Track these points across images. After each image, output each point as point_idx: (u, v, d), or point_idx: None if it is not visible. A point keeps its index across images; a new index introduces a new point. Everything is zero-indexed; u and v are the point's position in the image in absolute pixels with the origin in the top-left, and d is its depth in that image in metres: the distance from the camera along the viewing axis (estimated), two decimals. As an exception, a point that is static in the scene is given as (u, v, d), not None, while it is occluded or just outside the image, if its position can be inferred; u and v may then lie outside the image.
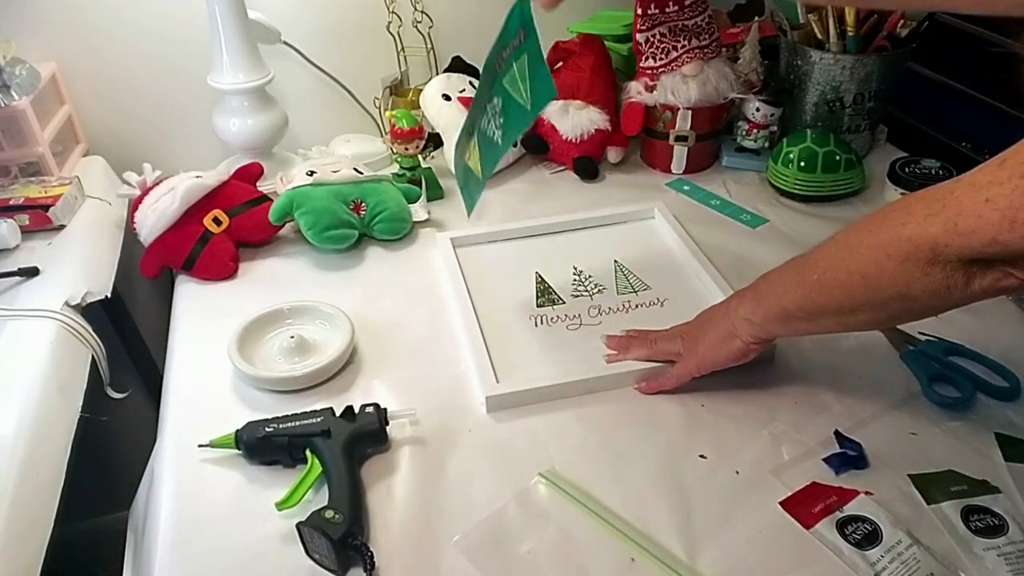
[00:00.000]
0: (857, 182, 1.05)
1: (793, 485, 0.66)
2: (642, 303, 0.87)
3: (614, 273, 0.92)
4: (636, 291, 0.89)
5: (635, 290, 0.89)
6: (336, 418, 0.69)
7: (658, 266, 0.93)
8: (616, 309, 0.86)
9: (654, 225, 1.01)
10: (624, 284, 0.90)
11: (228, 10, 0.98)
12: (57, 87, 1.07)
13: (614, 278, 0.91)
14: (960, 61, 1.12)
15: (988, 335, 0.80)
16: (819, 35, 1.07)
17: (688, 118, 1.07)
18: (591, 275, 0.92)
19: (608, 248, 0.96)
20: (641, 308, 0.87)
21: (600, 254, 0.95)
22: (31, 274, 0.86)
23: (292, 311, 0.84)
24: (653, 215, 1.02)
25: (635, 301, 0.87)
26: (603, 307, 0.87)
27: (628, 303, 0.87)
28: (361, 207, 0.96)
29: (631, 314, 0.86)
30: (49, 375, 0.74)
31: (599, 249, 0.96)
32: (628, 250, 0.96)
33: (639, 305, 0.87)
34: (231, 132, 1.05)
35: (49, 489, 0.68)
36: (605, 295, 0.89)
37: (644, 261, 0.94)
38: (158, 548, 0.63)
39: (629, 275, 0.91)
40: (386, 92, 1.18)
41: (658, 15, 1.04)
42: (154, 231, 0.91)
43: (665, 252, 0.96)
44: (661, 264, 0.93)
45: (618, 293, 0.89)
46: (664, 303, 0.87)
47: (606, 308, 0.86)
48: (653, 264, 0.93)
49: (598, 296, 0.88)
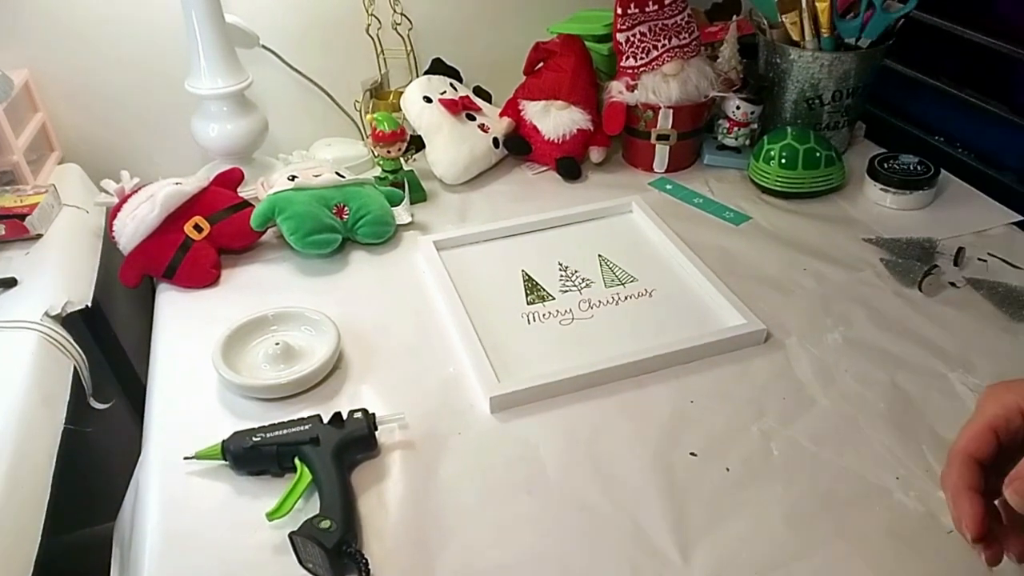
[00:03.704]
0: (837, 178, 1.06)
1: (784, 481, 0.66)
2: (631, 294, 0.88)
3: (599, 267, 0.92)
4: (624, 283, 0.90)
5: (622, 282, 0.90)
6: (324, 425, 0.68)
7: (642, 258, 0.94)
8: (606, 302, 0.87)
9: (633, 219, 1.02)
10: (611, 277, 0.91)
11: (205, 14, 0.97)
12: (30, 94, 1.05)
13: (600, 272, 0.92)
14: (934, 57, 1.14)
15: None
16: (794, 36, 1.08)
17: (669, 117, 1.08)
18: (577, 270, 0.92)
19: (591, 243, 0.97)
20: (631, 300, 0.87)
21: (583, 249, 0.96)
22: (9, 285, 0.85)
23: (277, 317, 0.83)
24: (631, 209, 1.03)
25: (624, 293, 0.88)
26: (593, 300, 0.87)
27: (617, 295, 0.88)
28: (344, 211, 0.96)
29: (621, 306, 0.86)
30: (31, 387, 0.73)
31: (582, 244, 0.97)
32: (610, 244, 0.97)
33: (628, 297, 0.87)
34: (210, 137, 1.04)
35: (35, 502, 0.67)
36: (594, 288, 0.89)
37: (627, 254, 0.95)
38: (145, 561, 0.62)
39: (615, 268, 0.92)
40: (366, 95, 1.18)
41: (638, 14, 1.04)
42: (134, 239, 0.90)
43: (647, 244, 0.97)
44: (644, 256, 0.94)
45: (606, 286, 0.89)
46: (652, 293, 0.88)
47: (596, 301, 0.87)
48: (637, 256, 0.94)
49: (587, 290, 0.89)
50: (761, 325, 0.80)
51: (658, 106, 1.07)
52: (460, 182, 1.11)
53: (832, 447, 0.69)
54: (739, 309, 0.82)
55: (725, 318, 0.83)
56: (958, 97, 1.09)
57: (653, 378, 0.77)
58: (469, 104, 1.14)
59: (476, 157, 1.11)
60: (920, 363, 0.78)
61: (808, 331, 0.82)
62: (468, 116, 1.13)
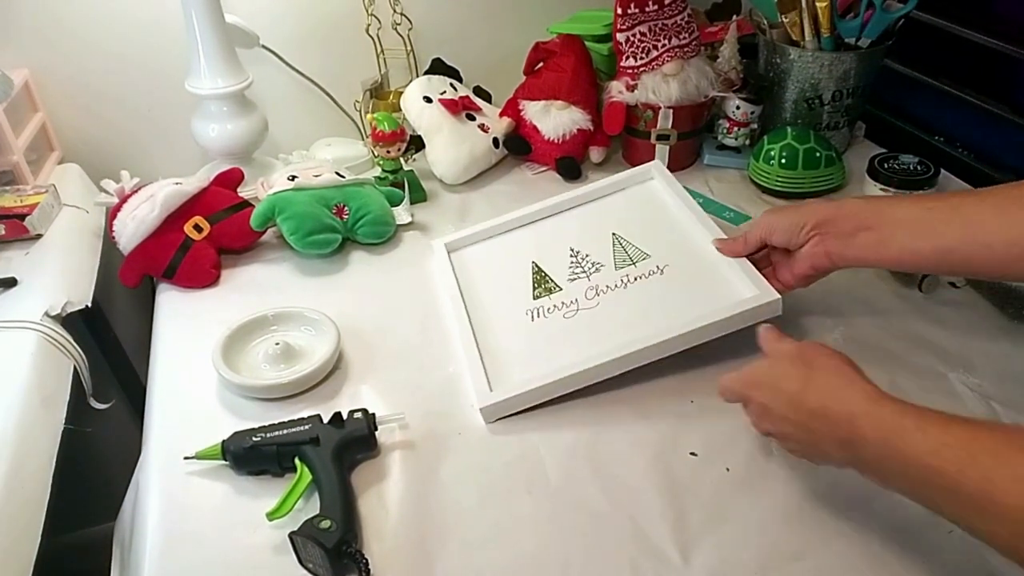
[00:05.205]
0: (837, 178, 1.06)
1: (783, 480, 0.66)
2: (640, 275, 0.85)
3: (612, 247, 0.89)
4: (635, 262, 0.87)
5: (634, 261, 0.87)
6: (324, 425, 0.68)
7: (657, 230, 0.90)
8: (614, 286, 0.84)
9: (653, 187, 0.97)
10: (623, 257, 0.88)
11: (205, 14, 0.97)
12: (30, 94, 1.05)
13: (612, 252, 0.89)
14: (934, 57, 1.14)
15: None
16: (794, 36, 1.08)
17: (669, 117, 1.08)
18: (588, 254, 0.89)
19: (605, 221, 0.93)
20: (640, 280, 0.84)
21: (598, 229, 0.92)
22: (9, 285, 0.85)
23: (277, 317, 0.83)
24: (652, 175, 0.97)
25: (633, 274, 0.85)
26: (600, 286, 0.85)
27: (626, 277, 0.85)
28: (344, 211, 0.96)
29: (629, 289, 0.84)
30: (31, 387, 0.73)
31: (596, 224, 0.93)
32: (627, 218, 0.93)
33: (637, 278, 0.85)
34: (210, 137, 1.04)
35: (35, 502, 0.67)
36: (603, 273, 0.87)
37: (643, 226, 0.91)
38: (145, 562, 0.62)
39: (628, 246, 0.89)
40: (366, 95, 1.18)
41: (638, 14, 1.04)
42: (134, 239, 0.90)
43: (664, 213, 0.93)
44: (660, 227, 0.91)
45: (616, 268, 0.87)
46: (664, 270, 0.85)
47: (603, 287, 0.85)
48: (652, 229, 0.90)
49: (595, 276, 0.86)
50: (775, 295, 0.76)
51: (658, 106, 1.07)
52: (460, 182, 1.11)
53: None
54: (754, 280, 0.78)
55: (740, 290, 0.79)
56: (958, 97, 1.09)
57: (655, 371, 0.76)
58: (469, 104, 1.14)
59: (476, 157, 1.11)
60: (920, 363, 0.78)
61: (808, 331, 0.82)
62: (468, 116, 1.13)
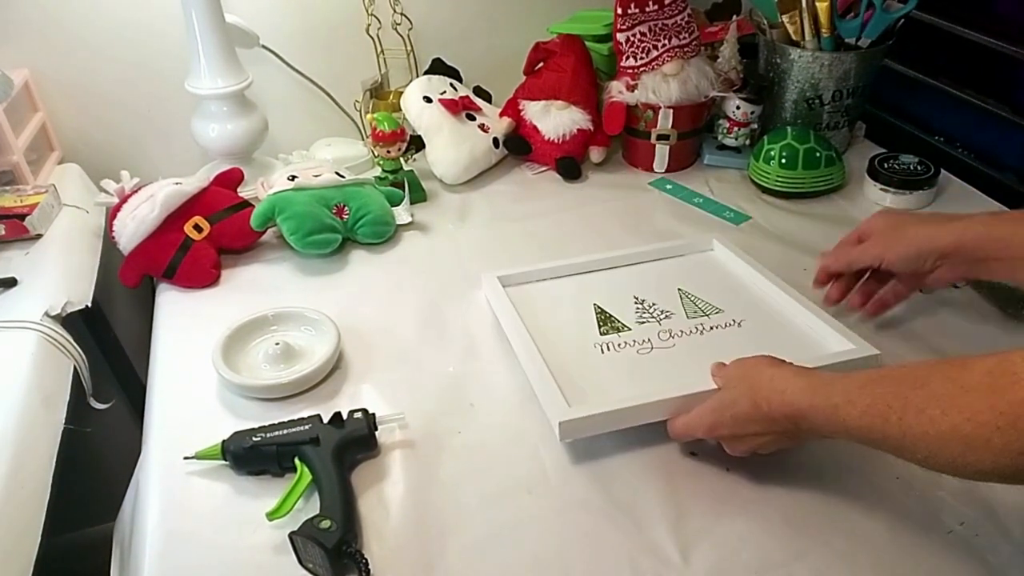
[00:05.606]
0: (837, 178, 1.06)
1: (783, 480, 0.66)
2: (716, 325, 0.79)
3: (680, 300, 0.83)
4: (708, 314, 0.81)
5: (706, 313, 0.81)
6: (324, 425, 0.68)
7: (726, 291, 0.84)
8: (689, 332, 0.78)
9: (714, 256, 0.92)
10: (693, 309, 0.81)
11: (205, 14, 0.97)
12: (30, 94, 1.05)
13: (681, 304, 0.82)
14: (934, 57, 1.14)
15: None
16: (794, 36, 1.08)
17: (669, 117, 1.08)
18: (655, 303, 0.83)
19: (667, 278, 0.87)
20: (717, 330, 0.78)
21: (659, 283, 0.86)
22: (9, 284, 0.85)
23: (277, 317, 0.83)
24: (711, 247, 0.92)
25: (708, 324, 0.79)
26: (675, 330, 0.78)
27: (701, 326, 0.79)
28: (344, 211, 0.96)
29: (707, 336, 0.78)
30: (31, 387, 0.73)
31: (656, 279, 0.87)
32: (690, 279, 0.87)
33: (714, 327, 0.78)
34: (210, 137, 1.04)
35: (35, 502, 0.67)
36: (674, 320, 0.80)
37: (709, 288, 0.85)
38: (145, 562, 0.62)
39: (697, 300, 0.83)
40: (366, 95, 1.18)
41: (638, 14, 1.04)
42: (134, 239, 0.90)
43: (731, 278, 0.87)
44: (729, 289, 0.85)
45: (688, 317, 0.80)
46: (741, 324, 0.79)
47: (678, 331, 0.78)
48: (720, 290, 0.84)
49: (666, 321, 0.80)
50: (874, 350, 0.72)
51: (658, 106, 1.07)
52: (460, 182, 1.11)
53: (832, 447, 0.69)
54: (844, 334, 0.74)
55: (829, 344, 0.75)
56: (958, 97, 1.09)
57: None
58: (469, 104, 1.14)
59: (476, 157, 1.11)
60: (920, 363, 0.78)
61: (808, 331, 0.82)
62: (468, 116, 1.13)
